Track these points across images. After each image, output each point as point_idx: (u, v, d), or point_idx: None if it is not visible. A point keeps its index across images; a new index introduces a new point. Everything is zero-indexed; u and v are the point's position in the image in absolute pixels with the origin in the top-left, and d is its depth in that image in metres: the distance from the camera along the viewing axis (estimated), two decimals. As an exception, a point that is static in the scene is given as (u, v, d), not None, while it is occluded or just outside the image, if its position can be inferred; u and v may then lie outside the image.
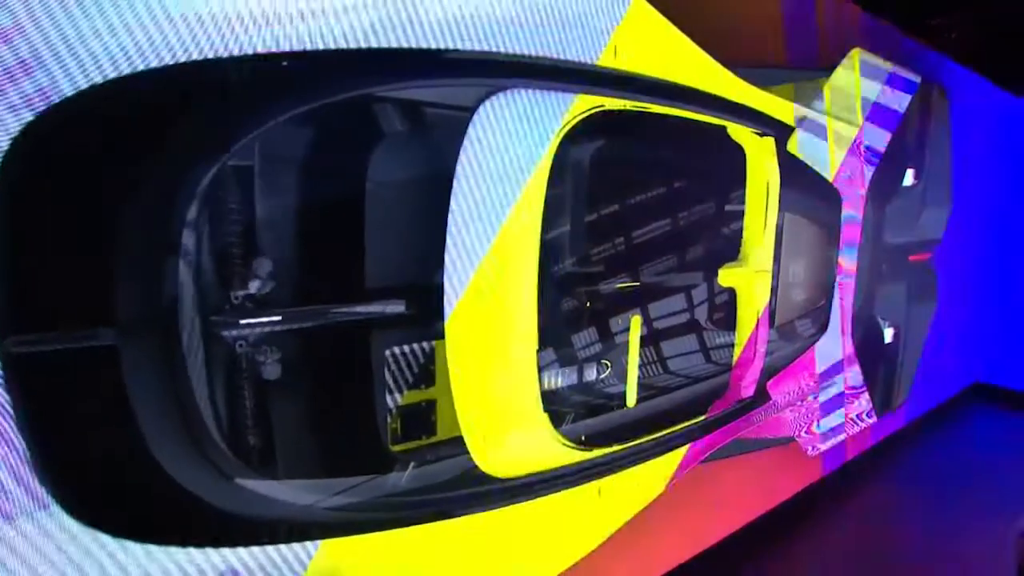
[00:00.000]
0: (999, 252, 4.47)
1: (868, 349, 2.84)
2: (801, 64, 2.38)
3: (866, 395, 2.91)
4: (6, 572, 1.10)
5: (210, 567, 1.28)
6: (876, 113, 2.46)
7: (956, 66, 3.66)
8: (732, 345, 2.15)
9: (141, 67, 1.07)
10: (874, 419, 2.99)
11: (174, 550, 1.23)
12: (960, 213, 3.90)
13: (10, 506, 1.09)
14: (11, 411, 1.06)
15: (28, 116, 1.02)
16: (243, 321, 1.26)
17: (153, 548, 1.21)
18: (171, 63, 1.10)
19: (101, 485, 1.18)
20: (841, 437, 2.85)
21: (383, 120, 1.39)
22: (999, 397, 4.20)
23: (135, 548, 1.20)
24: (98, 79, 1.05)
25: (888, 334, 2.95)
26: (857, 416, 2.90)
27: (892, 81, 2.51)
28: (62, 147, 1.08)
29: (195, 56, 1.10)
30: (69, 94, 1.03)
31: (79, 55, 1.03)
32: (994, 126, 4.31)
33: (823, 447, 2.77)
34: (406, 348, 1.50)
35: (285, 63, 1.16)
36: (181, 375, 1.19)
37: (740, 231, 2.01)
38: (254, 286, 1.28)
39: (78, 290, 1.10)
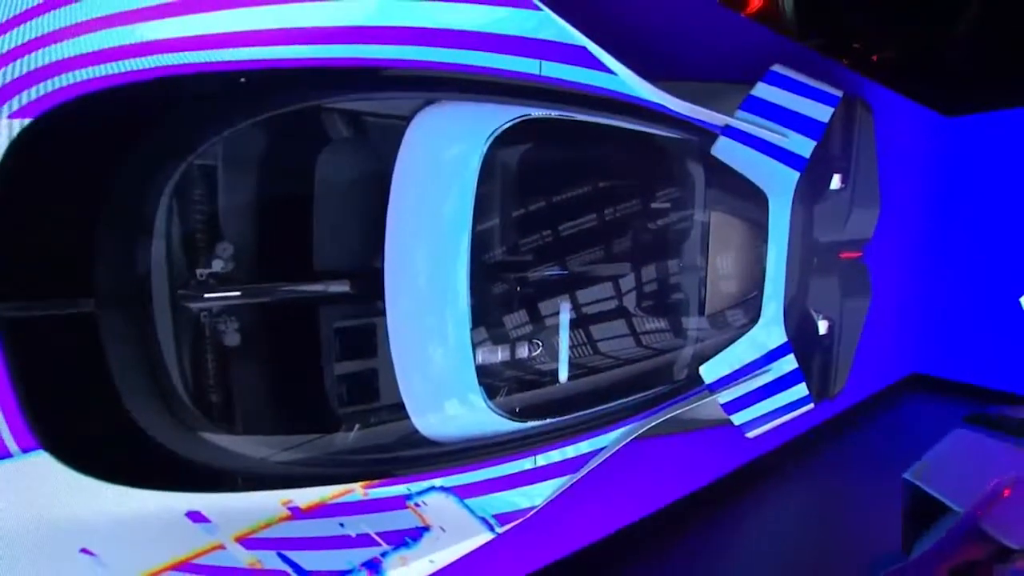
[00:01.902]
0: (932, 254, 4.81)
1: (803, 339, 3.04)
2: (723, 78, 2.62)
3: (802, 383, 3.11)
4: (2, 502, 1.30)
5: (176, 508, 1.48)
6: (799, 122, 2.69)
7: (879, 87, 3.97)
8: (663, 331, 2.37)
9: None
10: (811, 406, 3.19)
11: (145, 492, 1.43)
12: (896, 218, 4.23)
13: (3, 447, 1.30)
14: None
15: (26, 121, 1.24)
16: (207, 295, 1.48)
17: (126, 489, 1.41)
18: (148, 78, 1.32)
19: (81, 433, 1.38)
20: (778, 421, 3.04)
21: (330, 127, 1.62)
22: (934, 386, 4.51)
23: (110, 488, 1.39)
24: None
25: (822, 326, 3.16)
26: (794, 402, 3.10)
27: (814, 94, 2.75)
28: (55, 147, 1.30)
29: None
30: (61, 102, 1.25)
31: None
32: (922, 142, 4.65)
33: (759, 430, 2.97)
34: (351, 322, 1.72)
35: (243, 79, 1.38)
36: (151, 340, 1.40)
37: (665, 226, 2.24)
38: (217, 265, 1.50)
39: (64, 265, 1.31)
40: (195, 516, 1.50)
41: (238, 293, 1.51)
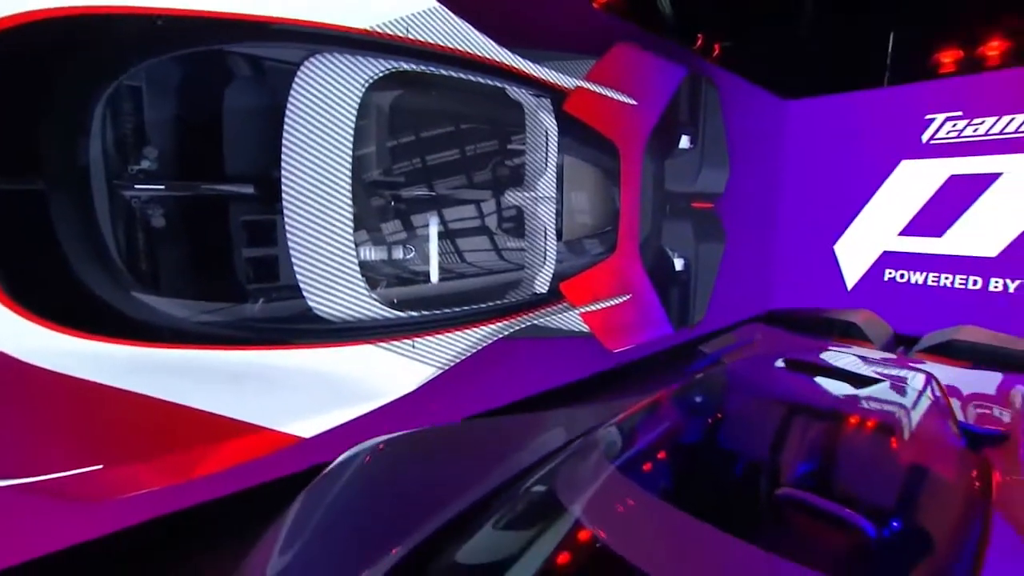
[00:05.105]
0: (776, 211, 5.77)
1: (660, 273, 3.69)
2: (575, 51, 3.20)
3: (661, 310, 3.75)
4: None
5: (115, 353, 1.94)
6: (645, 89, 3.31)
7: (727, 72, 4.73)
8: (523, 249, 2.95)
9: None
10: (670, 331, 3.84)
11: (90, 340, 1.89)
12: (746, 181, 5.03)
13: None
14: None
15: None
16: (137, 186, 1.96)
17: (76, 338, 1.86)
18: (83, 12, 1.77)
19: (39, 288, 1.83)
20: (638, 341, 3.68)
21: (235, 66, 2.10)
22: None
23: (63, 336, 1.85)
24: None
25: (678, 263, 3.82)
26: (653, 325, 3.74)
27: (659, 68, 3.38)
28: (19, 60, 1.73)
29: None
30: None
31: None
32: (763, 119, 5.58)
33: (621, 347, 3.59)
34: (255, 217, 2.22)
35: (160, 22, 1.85)
36: (92, 217, 1.87)
37: (520, 164, 2.81)
38: (145, 164, 1.97)
39: (24, 152, 1.76)
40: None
41: (162, 187, 1.99)
